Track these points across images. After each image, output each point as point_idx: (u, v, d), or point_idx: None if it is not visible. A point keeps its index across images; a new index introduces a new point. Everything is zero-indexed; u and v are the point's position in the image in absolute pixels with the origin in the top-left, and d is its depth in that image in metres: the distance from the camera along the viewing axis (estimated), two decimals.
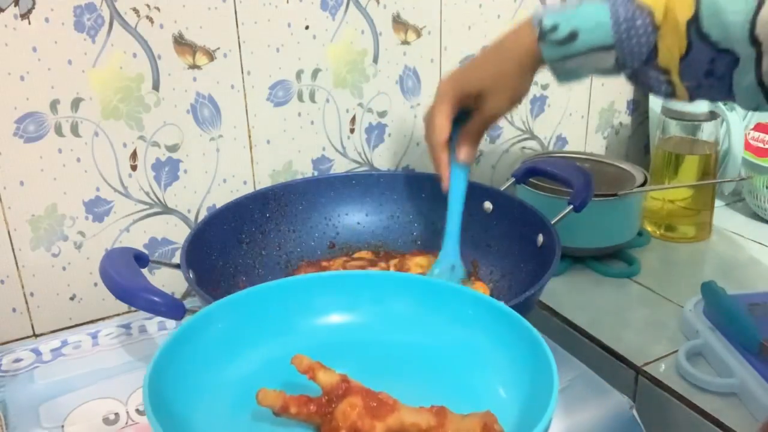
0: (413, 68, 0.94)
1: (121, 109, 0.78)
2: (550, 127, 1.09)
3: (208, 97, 0.82)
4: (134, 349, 0.70)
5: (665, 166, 0.98)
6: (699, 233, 1.00)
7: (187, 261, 0.67)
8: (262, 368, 0.53)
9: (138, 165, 0.80)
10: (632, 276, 0.90)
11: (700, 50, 0.54)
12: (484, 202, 0.81)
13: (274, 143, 0.88)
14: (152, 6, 0.76)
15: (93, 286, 0.82)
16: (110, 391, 0.63)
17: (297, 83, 0.87)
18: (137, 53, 0.76)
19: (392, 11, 0.89)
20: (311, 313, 0.57)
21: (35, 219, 0.77)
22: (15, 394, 0.63)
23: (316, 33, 0.86)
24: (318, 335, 0.55)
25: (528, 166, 0.84)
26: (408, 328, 0.56)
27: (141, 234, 0.83)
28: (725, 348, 0.71)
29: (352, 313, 0.57)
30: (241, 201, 0.79)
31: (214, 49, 0.80)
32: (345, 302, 0.57)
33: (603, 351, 0.77)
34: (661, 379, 0.71)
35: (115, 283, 0.59)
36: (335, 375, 0.48)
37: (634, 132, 1.19)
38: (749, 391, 0.66)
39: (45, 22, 0.71)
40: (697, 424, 0.67)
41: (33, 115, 0.73)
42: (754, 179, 1.03)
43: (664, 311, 0.83)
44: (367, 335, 0.56)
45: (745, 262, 0.95)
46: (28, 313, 0.80)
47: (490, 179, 1.05)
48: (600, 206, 0.87)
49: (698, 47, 0.54)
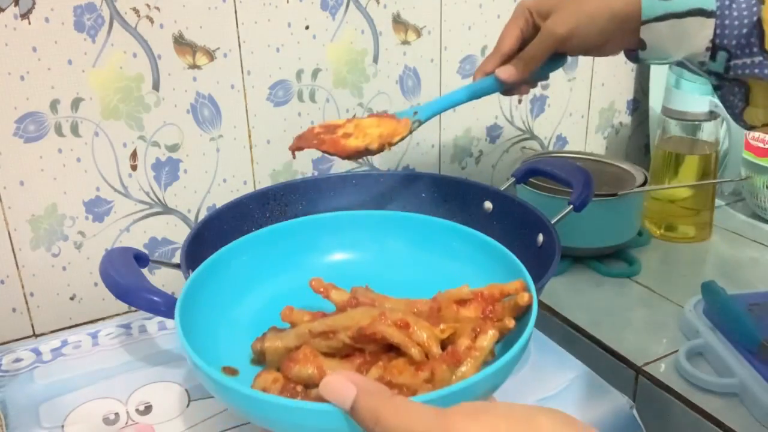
0: (413, 68, 0.94)
1: (121, 109, 0.78)
2: (550, 127, 1.09)
3: (208, 97, 0.82)
4: (134, 349, 0.70)
5: (665, 166, 0.98)
6: (699, 233, 1.00)
7: (187, 261, 0.67)
8: (275, 299, 0.57)
9: (138, 165, 0.80)
10: (632, 276, 0.90)
11: None
12: (484, 202, 0.81)
13: (274, 143, 0.88)
14: (152, 6, 0.76)
15: (93, 286, 0.82)
16: (110, 391, 0.63)
17: (297, 83, 0.87)
18: (137, 53, 0.76)
19: (392, 11, 0.89)
20: (317, 252, 0.62)
21: (35, 219, 0.77)
22: (15, 394, 0.63)
23: (316, 33, 0.86)
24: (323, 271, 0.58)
25: (528, 166, 0.84)
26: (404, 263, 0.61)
27: (141, 234, 0.83)
28: (725, 348, 0.71)
29: (354, 252, 0.62)
30: (241, 201, 0.79)
31: (214, 49, 0.80)
32: (347, 241, 0.62)
33: (603, 351, 0.77)
34: (661, 379, 0.71)
35: (115, 283, 0.59)
36: (346, 293, 0.52)
37: (634, 132, 1.19)
38: (749, 391, 0.66)
39: (45, 22, 0.71)
40: (697, 424, 0.67)
41: (33, 115, 0.73)
42: (754, 179, 1.02)
43: (664, 311, 0.83)
44: (367, 270, 0.60)
45: (745, 262, 0.95)
46: (28, 313, 0.80)
47: (490, 179, 1.05)
48: (600, 206, 0.86)
49: None
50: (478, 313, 0.49)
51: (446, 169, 1.01)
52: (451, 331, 0.47)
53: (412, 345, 0.45)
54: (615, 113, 1.15)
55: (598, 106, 1.12)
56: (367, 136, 0.65)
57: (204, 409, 0.62)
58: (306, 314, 0.51)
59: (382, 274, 0.59)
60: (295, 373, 0.46)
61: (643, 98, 1.16)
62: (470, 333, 0.46)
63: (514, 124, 1.05)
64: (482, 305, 0.49)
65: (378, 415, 0.36)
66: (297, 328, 0.50)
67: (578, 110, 1.11)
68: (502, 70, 0.65)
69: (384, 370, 0.45)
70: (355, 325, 0.47)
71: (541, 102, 1.06)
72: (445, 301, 0.50)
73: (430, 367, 0.44)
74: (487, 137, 1.03)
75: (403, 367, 0.45)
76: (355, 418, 0.37)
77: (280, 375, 0.47)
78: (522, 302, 0.48)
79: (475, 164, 1.04)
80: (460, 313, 0.49)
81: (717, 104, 0.94)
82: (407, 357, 0.45)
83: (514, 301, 0.49)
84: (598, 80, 1.10)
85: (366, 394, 0.37)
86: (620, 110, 1.15)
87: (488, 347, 0.46)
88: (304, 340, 0.49)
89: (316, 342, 0.48)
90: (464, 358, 0.45)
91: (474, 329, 0.47)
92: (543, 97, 1.06)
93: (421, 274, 0.60)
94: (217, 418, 0.61)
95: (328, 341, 0.48)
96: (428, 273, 0.59)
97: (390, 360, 0.46)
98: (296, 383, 0.46)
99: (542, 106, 1.07)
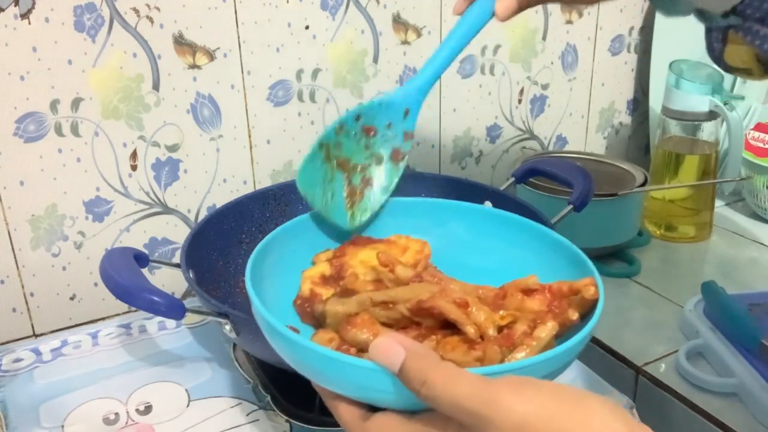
0: (413, 68, 0.94)
1: (121, 109, 0.78)
2: (550, 127, 1.09)
3: (208, 97, 0.82)
4: (134, 349, 0.70)
5: (665, 166, 0.98)
6: (699, 233, 1.00)
7: (187, 261, 0.67)
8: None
9: (138, 165, 0.80)
10: (632, 276, 0.90)
11: None
12: (484, 202, 0.81)
13: (274, 143, 0.88)
14: (152, 6, 0.76)
15: (93, 286, 0.82)
16: (110, 391, 0.63)
17: (297, 83, 0.87)
18: (137, 53, 0.76)
19: (392, 11, 0.89)
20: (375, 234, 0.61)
21: (35, 219, 0.77)
22: (15, 394, 0.63)
23: (316, 33, 0.86)
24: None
25: (528, 166, 0.84)
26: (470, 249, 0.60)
27: (141, 234, 0.83)
28: (725, 348, 0.71)
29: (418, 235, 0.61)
30: (241, 201, 0.79)
31: (214, 49, 0.80)
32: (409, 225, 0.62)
33: (603, 351, 0.77)
34: (661, 379, 0.71)
35: (115, 283, 0.59)
36: (411, 270, 0.52)
37: (634, 132, 1.19)
38: (749, 391, 0.66)
39: (45, 22, 0.71)
40: (697, 424, 0.67)
41: (33, 115, 0.73)
42: (754, 179, 1.03)
43: (664, 311, 0.83)
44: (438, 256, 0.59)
45: (745, 262, 0.95)
46: (28, 313, 0.80)
47: (490, 179, 1.05)
48: (600, 206, 0.86)
49: None
50: (543, 307, 0.48)
51: (446, 169, 1.01)
52: (510, 319, 0.47)
53: (469, 323, 0.45)
54: (615, 113, 1.15)
55: (598, 106, 1.12)
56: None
57: (204, 409, 0.62)
58: (369, 284, 0.52)
59: (450, 258, 0.58)
60: (351, 336, 0.47)
61: (643, 98, 1.16)
62: (530, 321, 0.46)
63: (514, 124, 1.05)
64: (548, 299, 0.49)
65: (425, 378, 0.36)
66: (359, 296, 0.50)
67: (578, 110, 1.11)
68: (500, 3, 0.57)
69: (437, 344, 0.45)
70: (415, 297, 0.47)
71: (541, 102, 1.06)
72: (511, 289, 0.50)
73: (482, 347, 0.44)
74: (487, 137, 1.03)
75: (456, 344, 0.45)
76: (403, 380, 0.37)
77: (336, 335, 0.48)
78: (588, 295, 0.47)
79: (475, 164, 1.04)
80: (524, 303, 0.49)
81: (717, 104, 0.94)
82: (462, 335, 0.45)
83: (580, 297, 0.48)
84: (598, 80, 1.10)
85: (415, 356, 0.37)
86: (620, 110, 1.15)
87: (546, 338, 0.45)
88: (364, 308, 0.49)
89: (376, 311, 0.49)
90: (519, 344, 0.44)
91: (534, 320, 0.46)
92: (543, 97, 1.06)
93: (490, 262, 0.58)
94: (217, 418, 0.61)
95: (388, 311, 0.48)
96: (497, 262, 0.58)
97: (445, 336, 0.46)
98: (351, 346, 0.47)
99: (542, 106, 1.07)
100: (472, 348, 0.44)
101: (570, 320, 0.47)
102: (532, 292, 0.49)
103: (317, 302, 0.53)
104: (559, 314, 0.47)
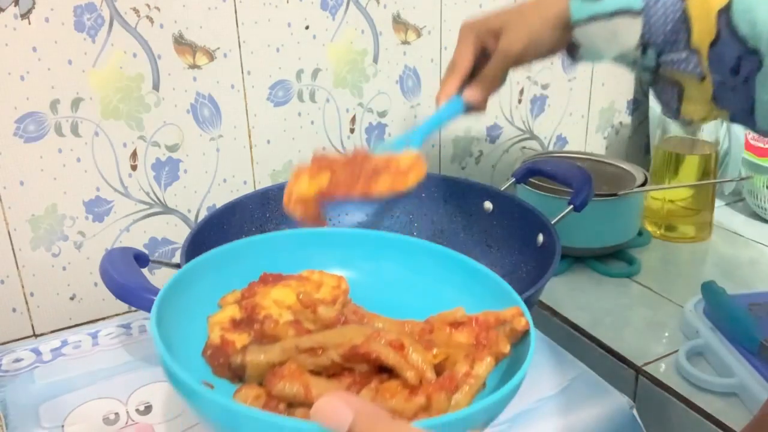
0: (413, 68, 0.94)
1: (121, 109, 0.78)
2: (550, 127, 1.09)
3: (208, 97, 0.82)
4: (134, 349, 0.70)
5: (665, 166, 0.98)
6: (699, 233, 1.00)
7: (187, 261, 0.66)
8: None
9: (138, 165, 0.80)
10: (632, 276, 0.90)
11: (727, 43, 0.52)
12: (484, 202, 0.81)
13: (274, 143, 0.88)
14: (152, 6, 0.76)
15: (93, 286, 0.82)
16: (110, 391, 0.63)
17: (297, 83, 0.87)
18: (137, 53, 0.76)
19: (392, 11, 0.89)
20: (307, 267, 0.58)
21: (35, 219, 0.77)
22: (15, 394, 0.63)
23: (316, 33, 0.86)
24: None
25: (528, 166, 0.84)
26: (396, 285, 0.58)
27: (141, 234, 0.83)
28: (725, 348, 0.71)
29: (345, 269, 0.59)
30: (241, 201, 0.79)
31: (214, 49, 0.80)
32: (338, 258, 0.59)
33: (603, 351, 0.77)
34: (662, 379, 0.71)
35: (115, 282, 0.59)
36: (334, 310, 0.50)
37: (634, 132, 1.19)
38: (749, 391, 0.66)
39: (45, 22, 0.71)
40: (697, 424, 0.67)
41: (33, 115, 0.73)
42: (754, 179, 1.03)
43: (664, 311, 0.83)
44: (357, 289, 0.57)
45: (745, 262, 0.95)
46: (28, 313, 0.80)
47: (490, 179, 1.05)
48: (600, 206, 0.87)
49: (726, 39, 0.52)
50: (471, 339, 0.47)
51: (446, 169, 1.01)
52: (443, 357, 0.45)
53: (408, 368, 0.43)
54: (615, 113, 1.15)
55: (598, 106, 1.12)
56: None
57: None
58: (290, 327, 0.48)
59: (371, 294, 0.56)
60: (279, 389, 0.43)
61: (643, 98, 1.16)
62: (466, 359, 0.45)
63: (514, 124, 1.05)
64: (476, 331, 0.48)
65: None
66: (282, 342, 0.46)
67: (578, 110, 1.11)
68: (469, 93, 0.66)
69: (375, 393, 0.42)
70: (347, 342, 0.44)
71: (541, 102, 1.06)
72: (438, 323, 0.49)
73: (425, 393, 0.42)
74: (487, 137, 1.03)
75: (396, 389, 0.42)
76: None
77: (263, 391, 0.44)
78: (519, 327, 0.47)
79: (475, 164, 1.04)
80: (452, 337, 0.48)
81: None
82: (400, 380, 0.43)
83: (510, 328, 0.48)
84: (598, 80, 1.10)
85: (364, 418, 0.33)
86: (620, 110, 1.15)
87: (485, 375, 0.44)
88: (289, 356, 0.45)
89: (302, 358, 0.45)
90: (461, 385, 0.43)
91: (468, 356, 0.45)
92: (543, 97, 1.06)
93: (413, 297, 0.57)
94: None
95: (316, 358, 0.44)
96: (420, 296, 0.56)
97: (381, 382, 0.44)
98: (279, 401, 0.43)
99: (542, 106, 1.07)
100: (414, 394, 0.42)
101: (502, 353, 0.47)
102: (460, 324, 0.48)
103: (232, 352, 0.47)
104: (490, 347, 0.47)
